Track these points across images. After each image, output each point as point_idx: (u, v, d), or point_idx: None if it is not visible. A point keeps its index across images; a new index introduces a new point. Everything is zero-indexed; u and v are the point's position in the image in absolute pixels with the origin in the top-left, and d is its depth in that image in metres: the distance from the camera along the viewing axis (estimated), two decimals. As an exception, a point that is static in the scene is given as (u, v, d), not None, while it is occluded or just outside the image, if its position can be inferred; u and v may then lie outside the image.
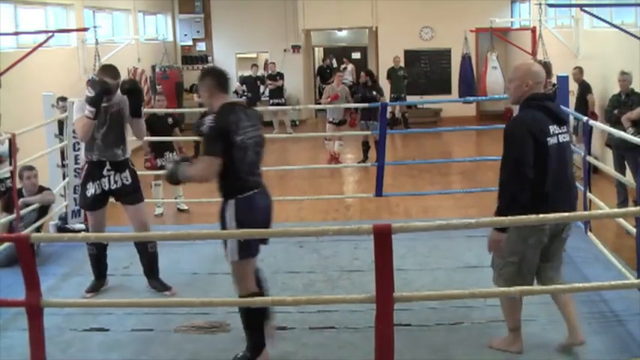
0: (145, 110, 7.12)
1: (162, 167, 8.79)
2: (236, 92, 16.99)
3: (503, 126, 7.29)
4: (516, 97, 4.29)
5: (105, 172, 5.51)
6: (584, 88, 10.77)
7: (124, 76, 16.08)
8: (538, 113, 4.17)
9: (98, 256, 5.69)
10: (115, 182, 5.54)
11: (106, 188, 5.53)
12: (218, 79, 4.42)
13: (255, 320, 4.40)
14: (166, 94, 12.97)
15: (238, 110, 4.33)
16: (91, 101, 5.29)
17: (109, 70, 5.49)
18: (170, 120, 9.29)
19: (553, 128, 4.16)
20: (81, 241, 6.39)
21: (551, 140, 4.13)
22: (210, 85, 4.40)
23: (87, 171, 5.56)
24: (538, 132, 4.09)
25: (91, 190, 5.50)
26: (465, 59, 16.25)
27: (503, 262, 4.36)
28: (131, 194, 5.60)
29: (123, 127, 5.59)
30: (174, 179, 4.37)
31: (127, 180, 5.58)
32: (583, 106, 10.37)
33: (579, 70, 10.93)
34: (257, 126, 4.42)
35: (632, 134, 7.31)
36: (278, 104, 16.56)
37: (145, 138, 6.88)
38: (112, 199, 5.70)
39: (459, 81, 16.42)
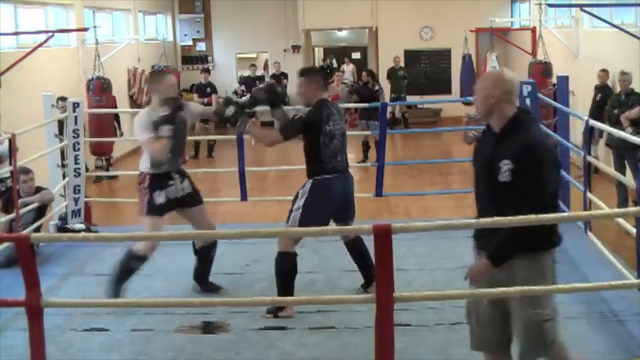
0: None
1: None
2: (235, 92, 17.00)
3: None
4: (485, 110, 3.67)
5: (171, 182, 5.41)
6: (607, 94, 10.06)
7: (123, 75, 16.09)
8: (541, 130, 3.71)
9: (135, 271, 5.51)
10: (182, 189, 5.45)
11: (172, 197, 5.41)
12: (324, 78, 5.41)
13: (287, 279, 5.06)
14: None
15: (330, 105, 5.24)
16: (167, 120, 5.17)
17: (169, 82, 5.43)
18: None
19: None
20: (81, 241, 6.40)
21: None
22: (318, 83, 5.27)
23: (151, 182, 5.40)
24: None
25: (160, 198, 5.36)
26: (466, 59, 16.26)
27: (539, 321, 3.58)
28: (195, 197, 5.53)
29: (185, 137, 5.52)
30: (240, 124, 5.14)
31: (189, 188, 5.50)
32: (600, 109, 9.67)
33: (607, 74, 10.30)
34: (342, 119, 5.29)
35: (630, 134, 7.31)
36: (281, 104, 16.55)
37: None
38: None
39: (460, 81, 16.42)
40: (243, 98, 5.52)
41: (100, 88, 12.27)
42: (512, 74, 3.63)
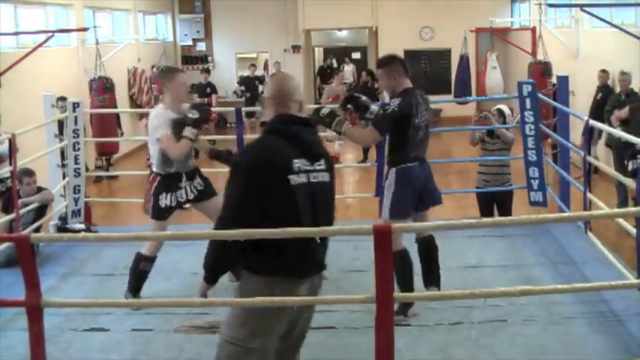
0: (149, 110, 7.11)
1: None
2: (235, 92, 17.01)
3: (504, 126, 7.37)
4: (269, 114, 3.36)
5: (181, 184, 5.38)
6: (607, 93, 10.22)
7: (124, 75, 16.11)
8: (277, 142, 3.24)
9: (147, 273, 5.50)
10: (192, 191, 5.42)
11: (183, 199, 5.40)
12: (404, 65, 5.23)
13: (405, 274, 5.04)
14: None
15: (417, 94, 5.11)
16: (196, 124, 5.19)
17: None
18: None
19: (300, 163, 3.23)
20: (81, 241, 6.40)
21: (297, 179, 3.21)
22: (399, 71, 5.18)
23: (160, 183, 5.35)
24: (275, 166, 3.18)
25: (165, 201, 5.33)
26: (463, 59, 16.26)
27: (222, 340, 3.27)
28: (207, 191, 5.49)
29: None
30: (337, 125, 4.98)
31: (201, 185, 5.46)
32: (600, 109, 9.79)
33: (607, 75, 10.41)
34: (428, 109, 5.20)
35: None
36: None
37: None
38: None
39: (455, 81, 16.44)
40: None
41: (103, 88, 12.31)
42: (291, 80, 3.41)
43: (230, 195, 3.21)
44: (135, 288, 5.38)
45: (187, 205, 5.75)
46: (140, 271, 5.36)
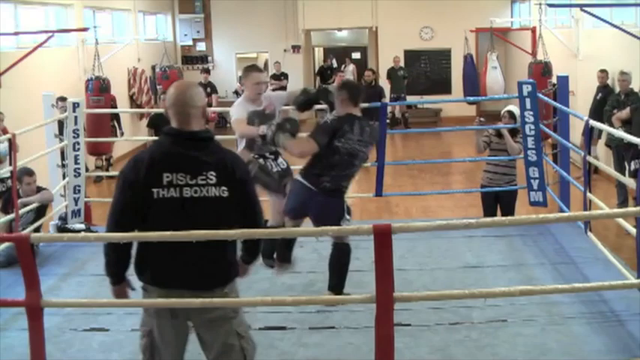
0: (149, 110, 7.13)
1: None
2: (236, 92, 17.00)
3: (501, 126, 7.37)
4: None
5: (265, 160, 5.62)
6: (607, 93, 10.15)
7: (123, 75, 16.11)
8: (154, 154, 3.24)
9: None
10: (278, 165, 5.62)
11: (275, 170, 5.60)
12: (350, 93, 5.19)
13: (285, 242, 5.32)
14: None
15: (355, 122, 5.09)
16: (261, 118, 5.41)
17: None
18: None
19: (174, 177, 3.18)
20: (81, 241, 6.40)
21: (163, 192, 3.18)
22: (344, 97, 5.17)
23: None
24: (141, 179, 3.18)
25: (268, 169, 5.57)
26: (468, 59, 16.26)
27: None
28: (290, 178, 5.63)
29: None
30: (275, 139, 5.11)
31: (284, 164, 5.66)
32: (601, 109, 9.72)
33: (606, 74, 10.35)
34: (363, 142, 5.12)
35: None
36: (281, 104, 16.54)
37: (150, 138, 6.93)
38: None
39: (463, 81, 16.43)
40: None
41: (99, 88, 12.26)
42: (176, 88, 3.31)
43: (112, 202, 3.35)
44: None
45: None
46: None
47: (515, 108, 7.29)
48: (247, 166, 3.57)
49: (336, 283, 5.23)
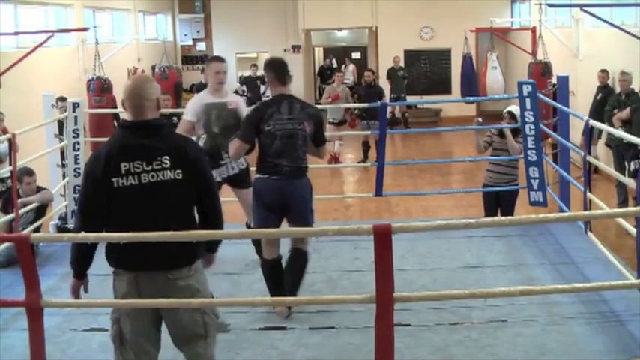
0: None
1: None
2: (236, 92, 17.00)
3: (503, 126, 7.37)
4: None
5: (222, 162, 5.68)
6: (608, 93, 10.17)
7: (123, 75, 16.09)
8: (111, 146, 3.41)
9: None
10: (233, 168, 5.72)
11: (225, 176, 5.71)
12: (274, 72, 5.03)
13: (271, 280, 5.08)
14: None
15: (282, 102, 4.90)
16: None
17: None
18: (175, 119, 9.26)
19: (130, 165, 3.33)
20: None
21: (122, 181, 3.34)
22: (270, 77, 5.04)
23: None
24: (100, 170, 3.35)
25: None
26: (467, 59, 16.26)
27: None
28: (245, 179, 5.75)
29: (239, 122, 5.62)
30: (213, 151, 5.19)
31: (243, 165, 5.76)
32: (601, 109, 9.70)
33: (606, 74, 10.37)
34: (296, 120, 4.89)
35: None
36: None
37: None
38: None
39: (460, 81, 16.44)
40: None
41: (101, 88, 12.29)
42: (132, 82, 3.50)
43: (78, 197, 3.58)
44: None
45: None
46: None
47: (515, 108, 7.28)
48: (199, 147, 3.72)
49: (291, 290, 5.07)
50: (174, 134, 3.65)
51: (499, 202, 7.36)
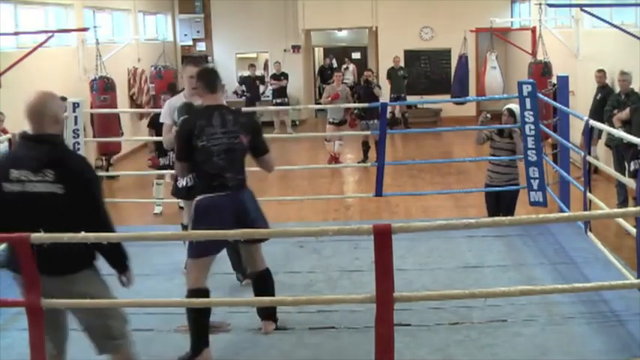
0: (149, 110, 7.12)
1: (164, 166, 8.78)
2: (236, 92, 17.01)
3: (504, 126, 7.37)
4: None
5: None
6: (607, 93, 10.12)
7: (123, 75, 16.08)
8: (11, 154, 3.87)
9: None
10: None
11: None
12: (204, 80, 4.60)
13: (195, 320, 4.50)
14: (158, 93, 13.01)
15: (213, 113, 4.48)
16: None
17: None
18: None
19: (19, 173, 3.53)
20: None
21: (10, 187, 3.55)
22: (200, 87, 4.61)
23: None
24: None
25: (182, 182, 5.41)
26: (462, 59, 16.27)
27: None
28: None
29: None
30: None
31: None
32: (603, 109, 9.61)
33: (603, 74, 10.35)
34: (231, 133, 4.47)
35: None
36: (281, 104, 16.56)
37: (150, 138, 6.92)
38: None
39: (452, 81, 16.45)
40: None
41: (104, 88, 12.36)
42: (33, 97, 3.62)
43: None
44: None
45: None
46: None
47: (515, 106, 7.30)
48: (88, 165, 3.75)
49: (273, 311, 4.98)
50: (68, 150, 3.83)
51: (500, 202, 7.36)
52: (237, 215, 4.47)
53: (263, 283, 4.81)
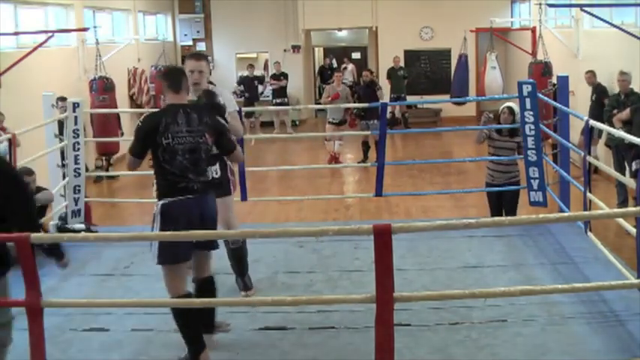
0: (149, 110, 7.11)
1: None
2: (235, 93, 17.01)
3: (503, 126, 7.37)
4: None
5: None
6: (601, 92, 10.28)
7: (123, 75, 16.09)
8: None
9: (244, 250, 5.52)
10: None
11: None
12: (168, 79, 4.47)
13: (187, 322, 4.40)
14: (158, 94, 13.02)
15: (178, 111, 4.36)
16: None
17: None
18: None
19: None
20: (81, 241, 6.41)
21: None
22: (164, 86, 4.49)
23: None
24: None
25: None
26: (461, 59, 16.27)
27: None
28: (218, 188, 5.26)
29: None
30: None
31: (216, 173, 5.29)
32: (599, 109, 9.81)
33: (592, 74, 10.54)
34: (196, 132, 4.37)
35: None
36: (281, 104, 16.56)
37: None
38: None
39: (452, 81, 16.46)
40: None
41: (103, 88, 12.38)
42: None
43: None
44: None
45: None
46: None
47: (514, 105, 7.31)
48: (10, 166, 3.81)
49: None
50: None
51: (502, 201, 7.37)
52: (203, 220, 4.38)
53: (206, 290, 4.67)
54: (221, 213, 5.21)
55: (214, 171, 5.29)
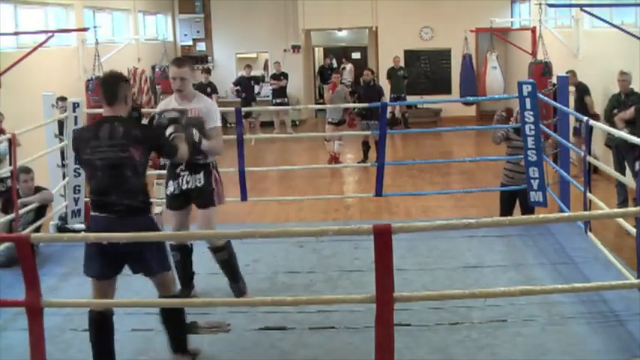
0: (149, 110, 7.10)
1: (164, 166, 8.76)
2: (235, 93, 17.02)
3: (503, 126, 7.38)
4: None
5: (179, 172, 5.25)
6: (582, 91, 10.67)
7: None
8: None
9: (183, 262, 5.37)
10: (187, 182, 5.25)
11: (184, 188, 5.25)
12: (103, 90, 4.24)
13: (175, 324, 4.40)
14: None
15: (102, 126, 4.10)
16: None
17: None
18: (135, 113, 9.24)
19: None
20: (81, 241, 6.40)
21: None
22: (101, 96, 4.29)
23: (167, 170, 5.41)
24: None
25: (170, 188, 5.32)
26: (466, 59, 16.27)
27: None
28: (200, 197, 5.27)
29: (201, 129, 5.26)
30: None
31: (199, 182, 5.24)
32: (582, 107, 10.24)
33: (572, 74, 10.66)
34: (118, 146, 4.05)
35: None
36: (281, 104, 16.56)
37: None
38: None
39: (460, 81, 16.45)
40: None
41: (99, 88, 12.34)
42: None
43: None
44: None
45: None
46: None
47: None
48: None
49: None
50: None
51: (520, 202, 7.37)
52: (118, 246, 4.05)
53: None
54: (201, 225, 5.24)
55: (198, 179, 5.25)
